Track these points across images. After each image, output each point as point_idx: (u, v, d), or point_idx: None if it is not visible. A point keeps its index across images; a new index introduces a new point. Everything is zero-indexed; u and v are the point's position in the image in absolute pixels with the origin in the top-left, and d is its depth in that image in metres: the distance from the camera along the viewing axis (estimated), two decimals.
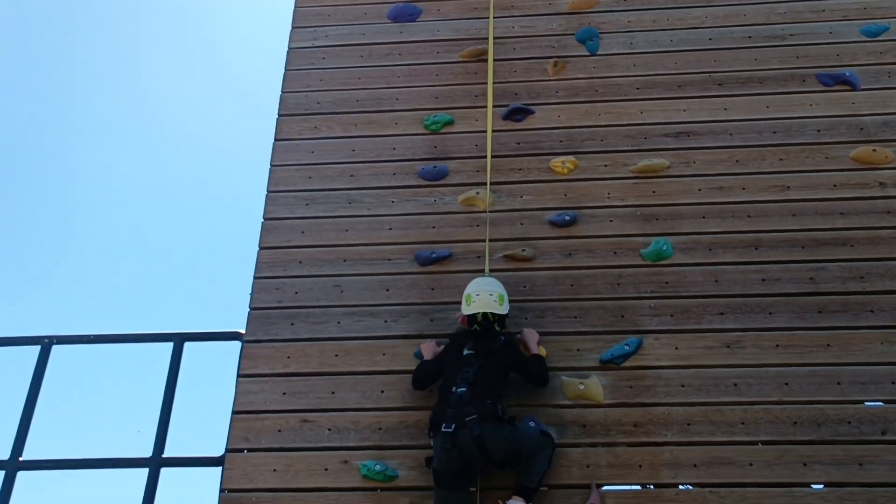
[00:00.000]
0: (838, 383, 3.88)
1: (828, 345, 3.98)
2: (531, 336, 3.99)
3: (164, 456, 4.13)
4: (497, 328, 3.86)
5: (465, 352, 3.75)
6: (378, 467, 3.82)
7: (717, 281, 4.22)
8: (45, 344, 4.46)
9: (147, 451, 4.15)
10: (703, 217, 4.43)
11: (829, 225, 4.33)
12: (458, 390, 3.59)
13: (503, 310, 3.90)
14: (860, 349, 3.96)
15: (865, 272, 4.18)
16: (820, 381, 3.89)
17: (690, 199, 4.50)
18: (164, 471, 4.10)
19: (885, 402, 3.81)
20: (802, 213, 4.38)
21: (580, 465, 3.77)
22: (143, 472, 4.09)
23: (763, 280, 4.20)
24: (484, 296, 3.90)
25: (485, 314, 3.86)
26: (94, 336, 4.52)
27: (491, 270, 4.32)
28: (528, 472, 3.58)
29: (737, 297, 4.16)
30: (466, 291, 3.99)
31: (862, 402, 3.82)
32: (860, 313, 4.06)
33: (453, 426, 3.50)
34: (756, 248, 4.30)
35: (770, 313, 4.10)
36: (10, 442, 4.18)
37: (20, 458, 4.15)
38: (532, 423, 3.84)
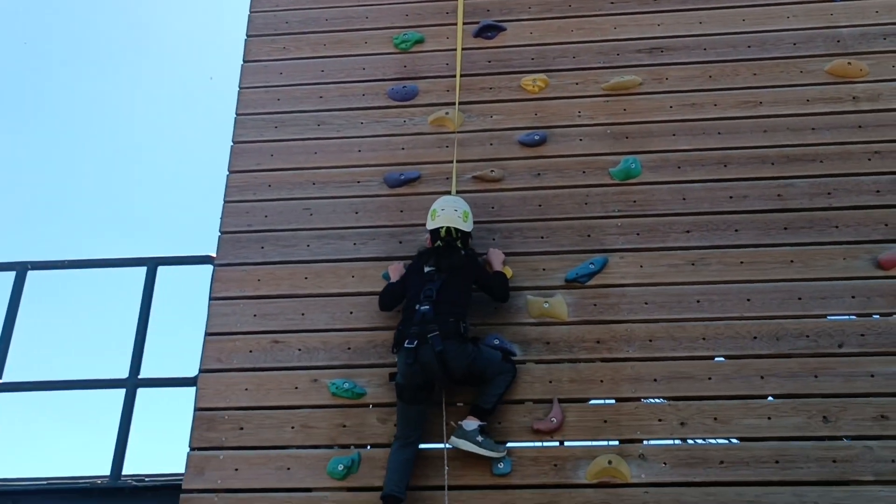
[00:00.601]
0: (799, 298, 3.92)
1: (791, 261, 4.01)
2: (496, 256, 4.02)
3: (139, 377, 4.23)
4: (459, 245, 3.88)
5: (427, 269, 3.79)
6: (346, 385, 3.92)
7: (684, 199, 4.22)
8: (21, 269, 4.51)
9: (123, 373, 4.25)
10: (674, 135, 4.39)
11: (800, 140, 4.30)
12: (422, 308, 3.64)
13: (467, 226, 3.92)
14: (823, 265, 3.98)
15: (833, 188, 4.16)
16: (782, 296, 3.93)
17: (661, 117, 4.45)
18: (140, 391, 4.20)
19: (843, 315, 3.85)
20: (774, 129, 4.34)
21: (543, 380, 3.86)
22: (120, 393, 4.20)
23: (731, 197, 4.20)
24: (449, 211, 3.92)
25: (448, 230, 3.87)
26: (70, 261, 4.57)
27: (459, 192, 4.31)
28: (485, 394, 3.66)
29: (703, 215, 4.17)
30: (432, 207, 3.99)
31: (823, 316, 3.86)
32: (825, 229, 4.06)
33: (416, 342, 3.57)
34: (725, 166, 4.28)
35: (736, 230, 4.11)
36: None
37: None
38: (497, 341, 3.92)
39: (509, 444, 3.72)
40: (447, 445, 3.61)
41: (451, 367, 3.57)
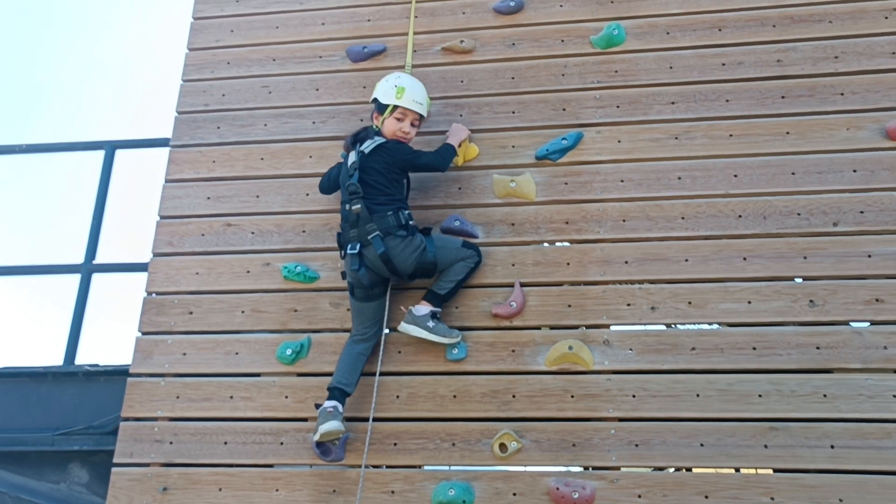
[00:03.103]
0: (792, 173, 3.52)
1: (787, 133, 3.59)
2: (455, 131, 3.69)
3: (94, 262, 4.09)
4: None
5: (351, 160, 3.46)
6: (299, 269, 3.71)
7: (671, 67, 3.80)
8: None
9: (80, 258, 4.12)
10: None
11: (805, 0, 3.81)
12: (353, 207, 3.35)
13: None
14: (822, 136, 3.56)
15: (841, 51, 3.69)
16: (773, 171, 3.54)
17: None
18: (95, 276, 4.07)
19: (841, 192, 3.44)
20: None
21: (505, 263, 3.58)
22: (76, 278, 4.08)
23: (723, 65, 3.76)
24: (420, 96, 3.53)
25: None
26: (27, 146, 4.42)
27: (429, 65, 3.99)
28: (441, 280, 3.41)
29: (691, 85, 3.75)
30: (399, 83, 3.54)
31: (818, 192, 3.46)
32: (828, 97, 3.62)
33: (358, 246, 3.30)
34: (720, 30, 3.83)
35: (727, 101, 3.69)
36: None
37: None
38: (457, 223, 3.64)
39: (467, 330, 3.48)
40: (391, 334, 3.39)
41: (398, 266, 3.31)
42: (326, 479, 3.37)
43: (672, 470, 3.25)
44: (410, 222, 3.36)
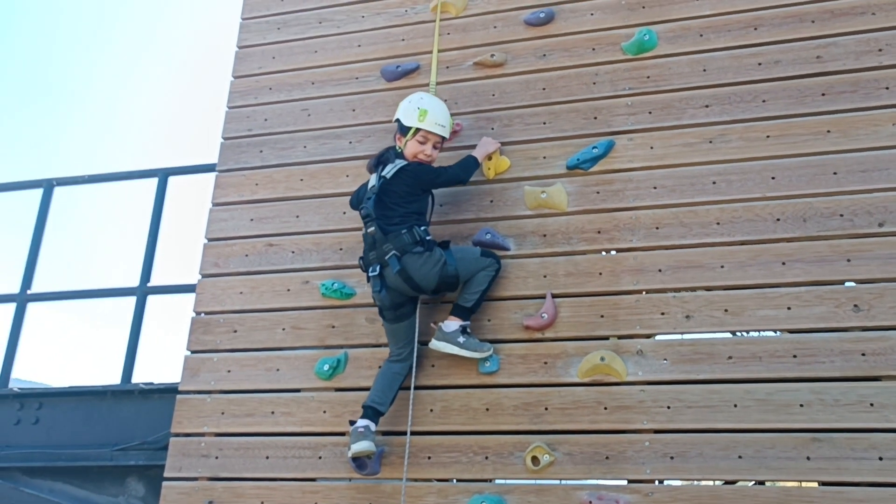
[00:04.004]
0: (834, 173, 3.37)
1: (828, 131, 3.45)
2: (484, 144, 3.70)
3: (149, 285, 4.29)
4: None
5: (371, 184, 3.49)
6: (336, 286, 3.79)
7: (704, 70, 3.71)
8: (48, 186, 4.67)
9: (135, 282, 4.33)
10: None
11: None
12: (368, 230, 3.38)
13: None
14: (866, 133, 3.40)
15: (885, 43, 3.52)
16: (813, 171, 3.40)
17: None
18: (150, 298, 4.27)
19: (887, 190, 3.28)
20: None
21: (537, 275, 3.56)
22: (132, 301, 4.29)
23: (759, 64, 3.65)
24: (443, 118, 3.56)
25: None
26: (90, 176, 4.68)
27: (460, 80, 4.03)
28: (466, 292, 3.42)
29: (726, 87, 3.65)
30: (421, 105, 3.55)
31: (859, 192, 3.31)
32: (872, 92, 3.46)
33: (378, 268, 3.34)
34: (755, 29, 3.72)
35: (763, 101, 3.58)
36: (19, 277, 4.48)
37: (28, 292, 4.45)
38: (488, 235, 3.65)
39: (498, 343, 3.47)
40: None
41: (421, 282, 3.33)
42: (363, 493, 3.42)
43: (710, 483, 3.15)
44: (427, 237, 3.36)
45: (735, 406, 3.13)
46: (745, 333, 3.34)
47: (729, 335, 3.32)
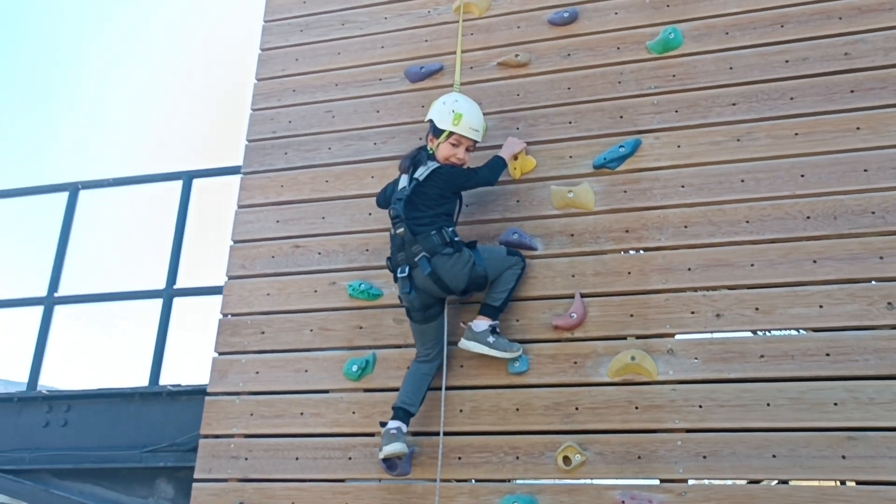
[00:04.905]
0: (865, 170, 3.35)
1: (857, 128, 3.43)
2: (509, 144, 3.70)
3: (175, 287, 4.31)
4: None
5: (402, 185, 3.48)
6: (363, 286, 3.80)
7: (731, 68, 3.70)
8: (73, 189, 4.70)
9: (161, 284, 4.35)
10: None
11: None
12: (397, 231, 3.38)
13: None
14: None
15: None
16: (843, 169, 3.38)
17: None
18: (176, 300, 4.29)
19: None
20: None
21: (565, 275, 3.56)
22: (158, 303, 4.31)
23: (786, 62, 3.64)
24: (477, 122, 3.55)
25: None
26: (114, 179, 4.70)
27: (485, 80, 4.04)
28: (493, 291, 3.42)
29: (753, 84, 3.64)
30: (456, 108, 3.53)
31: (891, 189, 3.29)
32: None
33: (407, 269, 3.34)
34: (781, 26, 3.71)
35: (791, 98, 3.57)
36: (46, 281, 4.51)
37: (56, 294, 4.48)
38: (515, 236, 3.66)
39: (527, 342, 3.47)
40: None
41: (449, 284, 3.33)
42: (393, 494, 3.42)
43: (743, 482, 3.14)
44: (455, 238, 3.36)
45: (768, 405, 3.12)
46: (769, 332, 3.32)
47: (760, 334, 3.31)
